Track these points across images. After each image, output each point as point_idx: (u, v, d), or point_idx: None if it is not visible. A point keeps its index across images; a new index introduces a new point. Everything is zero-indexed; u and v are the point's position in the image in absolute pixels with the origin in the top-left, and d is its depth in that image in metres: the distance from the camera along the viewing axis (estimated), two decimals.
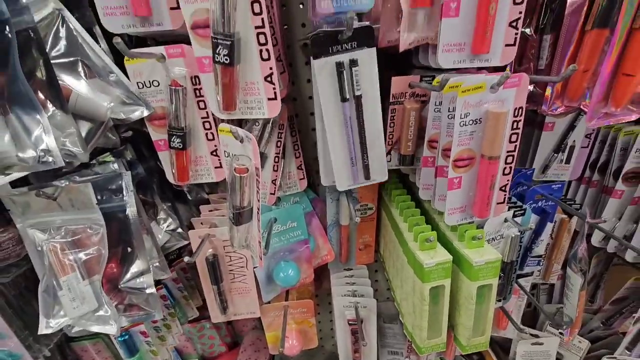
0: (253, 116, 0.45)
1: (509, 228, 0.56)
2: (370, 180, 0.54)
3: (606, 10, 0.44)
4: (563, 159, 0.73)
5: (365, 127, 0.50)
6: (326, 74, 0.47)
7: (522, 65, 0.60)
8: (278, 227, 0.64)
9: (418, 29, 0.46)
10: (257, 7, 0.38)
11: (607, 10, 0.44)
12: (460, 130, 0.44)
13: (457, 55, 0.45)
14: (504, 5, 0.42)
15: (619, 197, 0.70)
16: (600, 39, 0.46)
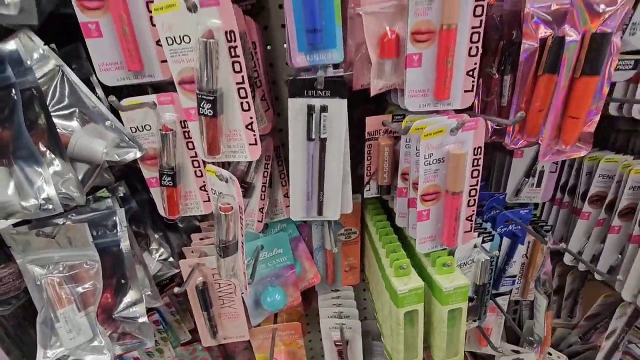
0: (236, 159, 0.50)
1: (479, 253, 0.61)
2: (322, 216, 0.57)
3: (553, 59, 0.49)
4: (534, 183, 0.77)
5: (326, 167, 0.54)
6: (298, 113, 0.51)
7: (489, 97, 0.65)
8: (265, 254, 0.67)
9: (386, 76, 0.51)
10: (237, 66, 0.43)
11: (554, 59, 0.49)
12: (425, 168, 0.48)
13: (422, 99, 0.50)
14: (460, 57, 0.47)
15: (586, 218, 0.74)
16: (550, 83, 0.51)
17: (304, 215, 0.60)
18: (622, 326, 0.76)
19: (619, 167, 0.67)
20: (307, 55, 0.46)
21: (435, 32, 0.46)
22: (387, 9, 0.47)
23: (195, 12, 0.39)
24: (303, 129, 0.52)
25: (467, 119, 0.45)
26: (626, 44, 0.52)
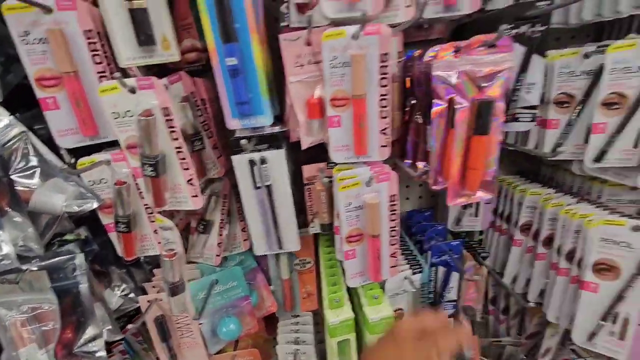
0: (182, 208, 0.56)
1: (410, 284, 0.67)
2: (282, 249, 0.64)
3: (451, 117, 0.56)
4: (472, 213, 0.85)
5: (277, 208, 0.62)
6: (243, 167, 0.58)
7: (419, 139, 0.72)
8: (220, 287, 0.73)
9: (314, 133, 0.58)
10: (174, 134, 0.50)
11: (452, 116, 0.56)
12: (346, 215, 0.55)
13: (345, 153, 0.57)
14: (373, 119, 0.54)
15: (519, 245, 0.81)
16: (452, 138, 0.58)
17: (266, 250, 0.67)
18: (555, 345, 0.83)
19: (540, 200, 0.74)
20: (240, 120, 0.54)
21: (349, 98, 0.53)
22: (310, 79, 0.55)
23: (134, 93, 0.46)
24: (249, 180, 0.59)
25: (373, 175, 0.52)
26: (523, 100, 0.60)
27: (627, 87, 0.55)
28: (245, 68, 0.49)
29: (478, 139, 0.53)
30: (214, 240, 0.76)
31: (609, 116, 0.58)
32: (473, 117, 0.52)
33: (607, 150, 0.59)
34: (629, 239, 0.59)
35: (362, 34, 0.49)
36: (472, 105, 0.51)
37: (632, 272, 0.59)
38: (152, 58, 0.53)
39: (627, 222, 0.59)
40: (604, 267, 0.62)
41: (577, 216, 0.65)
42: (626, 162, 0.59)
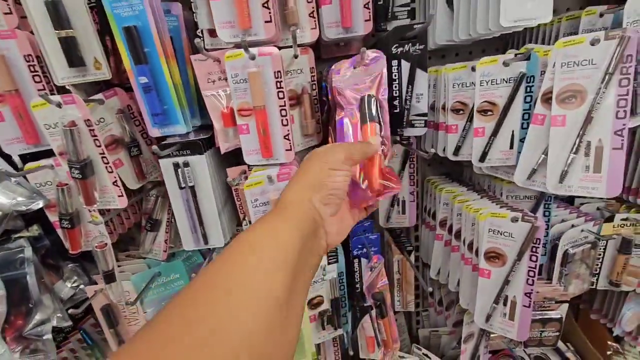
0: (111, 207, 0.65)
1: (329, 273, 0.75)
2: (208, 244, 0.72)
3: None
4: (399, 210, 0.92)
5: (201, 207, 0.70)
6: (168, 170, 0.67)
7: None
8: (163, 279, 0.81)
9: (230, 139, 0.67)
10: (97, 142, 0.58)
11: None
12: (254, 210, 0.63)
13: (256, 157, 0.65)
14: (276, 126, 0.63)
15: (440, 239, 0.89)
16: None
17: (193, 245, 0.75)
18: (478, 329, 0.90)
19: (450, 198, 0.82)
20: (159, 129, 0.62)
21: (253, 109, 0.62)
22: (222, 93, 0.64)
23: (60, 107, 0.55)
24: (174, 181, 0.68)
25: (276, 172, 0.60)
26: (415, 109, 0.68)
27: (496, 96, 0.64)
28: (157, 85, 0.58)
29: (364, 127, 0.60)
30: (161, 238, 0.85)
31: (485, 121, 0.66)
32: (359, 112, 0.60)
33: (487, 152, 0.67)
34: (510, 229, 0.67)
35: (257, 54, 0.58)
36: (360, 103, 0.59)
37: (514, 258, 0.67)
38: (84, 77, 0.62)
39: (508, 214, 0.67)
40: (493, 255, 0.70)
41: (472, 210, 0.73)
42: (505, 162, 0.67)
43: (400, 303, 0.97)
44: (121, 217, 0.83)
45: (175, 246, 0.89)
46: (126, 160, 0.72)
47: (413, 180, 0.89)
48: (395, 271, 0.93)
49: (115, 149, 0.70)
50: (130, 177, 0.73)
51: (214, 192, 0.71)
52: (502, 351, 1.09)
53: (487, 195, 0.79)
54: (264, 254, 0.32)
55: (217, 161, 0.74)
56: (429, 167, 1.00)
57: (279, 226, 0.36)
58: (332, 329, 0.79)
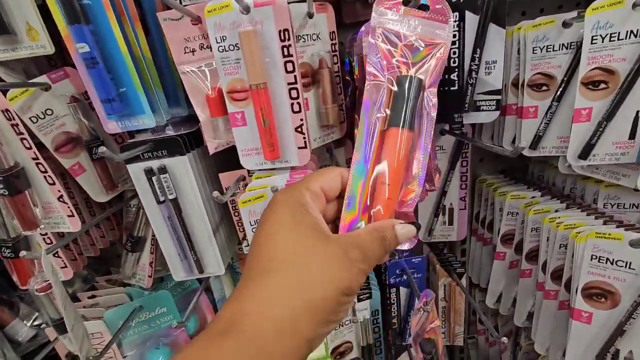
0: (60, 230, 0.47)
1: (360, 311, 0.56)
2: (204, 273, 0.54)
3: None
4: (445, 221, 0.72)
5: (188, 225, 0.52)
6: (139, 178, 0.49)
7: None
8: (146, 314, 0.64)
9: (221, 135, 0.48)
10: (26, 142, 0.40)
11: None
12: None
13: (256, 158, 0.46)
14: (283, 115, 0.43)
15: (502, 258, 0.68)
16: None
17: (185, 275, 0.58)
18: None
19: (521, 206, 0.61)
20: (117, 122, 0.44)
21: None
22: (206, 68, 0.44)
23: None
24: (150, 193, 0.50)
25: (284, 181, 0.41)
26: (484, 83, 0.48)
27: (615, 59, 0.42)
28: (105, 56, 0.39)
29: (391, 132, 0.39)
30: (145, 260, 0.67)
31: (594, 99, 0.44)
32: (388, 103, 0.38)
33: (594, 144, 0.46)
34: (628, 257, 0.46)
35: (253, 5, 0.38)
36: (388, 83, 0.38)
37: (634, 300, 0.46)
38: (15, 51, 0.44)
39: (624, 236, 0.45)
40: (597, 292, 0.48)
41: (563, 227, 0.52)
42: (620, 158, 0.46)
43: (446, 336, 0.77)
44: (92, 237, 0.65)
45: (164, 269, 0.71)
46: (88, 165, 0.54)
47: (465, 182, 0.68)
48: (441, 298, 0.73)
49: (72, 151, 0.52)
50: (95, 187, 0.56)
51: (205, 205, 0.53)
52: None
53: (576, 204, 0.57)
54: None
55: (207, 164, 0.55)
56: (480, 163, 0.78)
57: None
58: None
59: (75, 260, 0.60)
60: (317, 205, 0.28)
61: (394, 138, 0.33)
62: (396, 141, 0.33)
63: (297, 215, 0.26)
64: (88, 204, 0.64)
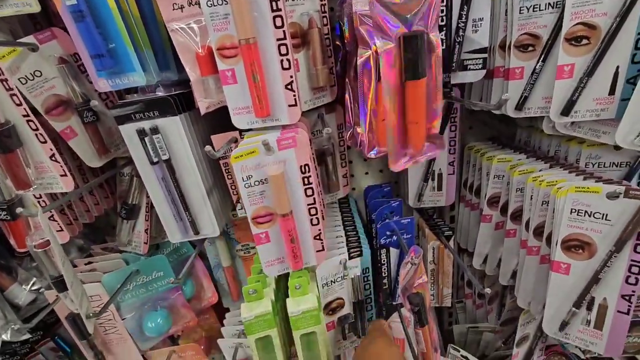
0: (53, 190, 0.47)
1: (351, 269, 0.58)
2: (199, 235, 0.56)
3: (378, 67, 0.45)
4: (434, 187, 0.74)
5: (183, 187, 0.53)
6: (132, 139, 0.49)
7: None
8: (142, 277, 0.65)
9: (212, 94, 0.48)
10: (16, 99, 0.40)
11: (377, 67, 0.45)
12: (247, 191, 0.45)
13: (247, 117, 0.47)
14: (273, 71, 0.44)
15: (488, 221, 0.71)
16: (380, 91, 0.48)
17: (181, 237, 0.59)
18: (534, 331, 0.73)
19: (507, 168, 0.63)
20: (108, 80, 0.44)
21: None
22: (196, 25, 0.44)
23: None
24: (143, 154, 0.51)
25: (268, 141, 0.42)
26: (471, 42, 0.48)
27: (597, 14, 0.43)
28: (93, 10, 0.39)
29: (412, 84, 0.42)
30: (141, 227, 0.68)
31: (577, 54, 0.45)
32: (402, 59, 0.41)
33: (575, 100, 0.47)
34: (605, 209, 0.48)
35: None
36: (397, 44, 0.40)
37: (609, 249, 0.48)
38: (0, 9, 0.43)
39: (602, 189, 0.47)
40: (576, 244, 0.51)
41: (545, 184, 0.54)
42: (600, 114, 0.47)
43: (435, 298, 0.80)
44: (87, 203, 0.66)
45: (160, 236, 0.73)
46: (79, 128, 0.54)
47: (454, 146, 0.69)
48: (430, 260, 0.76)
49: (63, 114, 0.52)
50: (88, 152, 0.56)
51: (198, 166, 0.53)
52: (554, 347, 0.92)
53: (559, 164, 0.59)
54: None
55: (200, 127, 0.55)
56: (470, 131, 0.80)
57: None
58: (355, 337, 0.63)
59: (71, 224, 0.61)
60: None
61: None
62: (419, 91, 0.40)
63: None
64: (81, 170, 0.65)
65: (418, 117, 0.45)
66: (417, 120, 0.46)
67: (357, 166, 0.81)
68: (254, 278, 0.55)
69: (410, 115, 0.46)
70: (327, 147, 0.65)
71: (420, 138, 0.47)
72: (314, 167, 0.49)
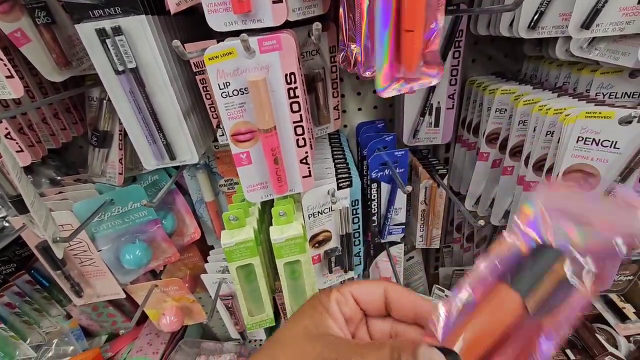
0: (3, 96, 0.41)
1: (339, 200, 0.54)
2: (176, 160, 0.51)
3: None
4: (431, 122, 0.69)
5: (154, 103, 0.47)
6: (91, 41, 0.43)
7: None
8: (118, 208, 0.61)
9: None
10: None
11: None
12: (225, 102, 0.40)
13: (225, 15, 0.40)
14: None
15: (485, 159, 0.67)
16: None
17: (156, 162, 0.54)
18: None
19: (511, 99, 0.59)
20: None
21: None
22: None
23: None
24: (106, 60, 0.44)
25: (247, 38, 0.36)
26: None
27: None
28: None
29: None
30: (114, 156, 0.63)
31: None
32: None
33: (600, 8, 0.42)
34: (614, 136, 0.44)
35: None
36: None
37: (614, 179, 0.45)
38: None
39: (615, 113, 0.43)
40: (578, 176, 0.48)
41: (552, 112, 0.50)
42: (624, 28, 0.42)
43: (423, 239, 0.79)
44: (51, 126, 0.60)
45: (137, 168, 0.68)
46: (32, 33, 0.47)
47: (455, 76, 0.64)
48: (421, 201, 0.73)
49: (10, 13, 0.45)
50: (45, 62, 0.49)
51: (172, 82, 0.47)
52: None
53: (569, 94, 0.55)
54: None
55: (175, 36, 0.49)
56: (472, 64, 0.74)
57: None
58: (342, 272, 0.61)
59: (33, 146, 0.55)
60: (343, 309, 0.26)
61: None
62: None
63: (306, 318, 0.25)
64: (42, 89, 0.58)
65: (413, 24, 0.39)
66: (413, 27, 0.39)
67: (349, 101, 0.75)
68: (235, 206, 0.51)
69: (405, 20, 0.39)
70: (317, 72, 0.59)
71: (415, 52, 0.41)
72: (302, 82, 0.43)
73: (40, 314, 0.74)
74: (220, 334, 1.10)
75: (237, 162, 0.44)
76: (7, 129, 0.50)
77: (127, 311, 0.96)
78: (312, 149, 0.50)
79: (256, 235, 0.49)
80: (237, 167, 0.44)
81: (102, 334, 0.96)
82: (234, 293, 0.72)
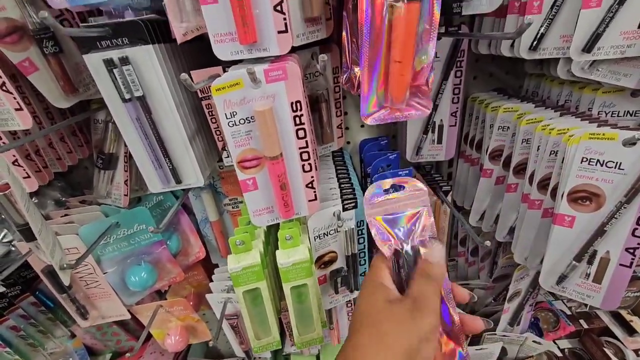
0: (9, 128, 0.42)
1: (345, 221, 0.54)
2: (182, 184, 0.51)
3: None
4: (434, 139, 0.70)
5: (160, 129, 0.47)
6: (99, 71, 0.43)
7: None
8: (124, 230, 0.62)
9: (189, 18, 0.42)
10: None
11: None
12: (232, 131, 0.41)
13: (231, 45, 0.41)
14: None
15: (488, 176, 0.68)
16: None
17: (162, 186, 0.54)
18: (526, 287, 0.72)
19: (513, 118, 0.59)
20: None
21: None
22: None
23: None
24: (113, 89, 0.45)
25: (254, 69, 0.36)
26: None
27: None
28: None
29: (406, 7, 0.36)
30: (120, 178, 0.64)
31: None
32: None
33: (601, 33, 0.42)
34: (619, 158, 0.44)
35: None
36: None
37: (619, 200, 0.46)
38: None
39: (619, 135, 0.44)
40: (583, 196, 0.48)
41: (555, 132, 0.50)
42: (625, 51, 0.43)
43: None
44: (57, 150, 0.60)
45: (142, 189, 0.68)
46: (40, 61, 0.48)
47: (457, 95, 0.64)
48: None
49: (19, 43, 0.46)
50: (52, 90, 0.50)
51: (178, 108, 0.48)
52: (541, 303, 0.94)
53: (571, 113, 0.55)
54: None
55: (182, 64, 0.49)
56: (474, 82, 0.75)
57: None
58: (348, 292, 0.61)
59: (39, 172, 0.56)
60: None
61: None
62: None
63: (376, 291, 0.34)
64: (49, 115, 0.59)
65: (403, 55, 0.39)
66: (402, 59, 0.39)
67: (352, 118, 0.76)
68: (242, 229, 0.51)
69: (396, 51, 0.39)
70: (321, 92, 0.60)
71: (402, 83, 0.40)
72: (307, 107, 0.44)
73: (44, 335, 0.74)
74: (224, 351, 1.09)
75: (243, 188, 0.44)
76: (15, 156, 0.51)
77: (132, 329, 0.95)
78: (317, 170, 0.50)
79: (262, 258, 0.49)
80: (243, 193, 0.45)
81: (107, 352, 0.95)
82: (239, 312, 0.72)
